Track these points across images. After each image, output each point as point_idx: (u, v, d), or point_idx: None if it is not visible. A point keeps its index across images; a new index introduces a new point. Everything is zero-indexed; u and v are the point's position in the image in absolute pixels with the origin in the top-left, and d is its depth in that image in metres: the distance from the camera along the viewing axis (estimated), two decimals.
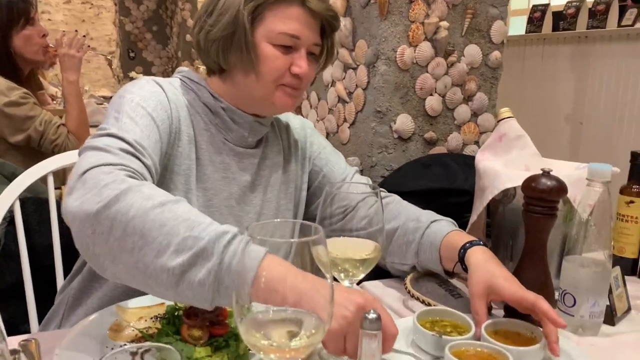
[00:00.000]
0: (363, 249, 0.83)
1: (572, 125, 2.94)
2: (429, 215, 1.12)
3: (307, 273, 0.64)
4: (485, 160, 1.18)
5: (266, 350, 0.58)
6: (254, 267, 0.69)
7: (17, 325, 1.37)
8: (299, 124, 1.25)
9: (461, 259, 1.00)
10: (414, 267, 1.12)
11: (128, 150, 0.86)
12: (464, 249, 1.00)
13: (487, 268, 0.94)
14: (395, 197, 1.21)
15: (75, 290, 1.10)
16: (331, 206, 0.85)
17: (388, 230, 1.12)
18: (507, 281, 0.90)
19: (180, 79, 1.09)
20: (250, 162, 1.11)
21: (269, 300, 0.68)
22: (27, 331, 1.29)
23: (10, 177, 1.75)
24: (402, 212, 1.15)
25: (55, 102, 4.99)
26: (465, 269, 0.99)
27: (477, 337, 0.84)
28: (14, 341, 0.84)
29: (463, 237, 1.04)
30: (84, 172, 0.79)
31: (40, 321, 1.23)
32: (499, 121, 1.23)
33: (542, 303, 0.85)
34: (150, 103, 0.97)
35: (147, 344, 0.79)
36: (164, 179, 1.00)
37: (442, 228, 1.07)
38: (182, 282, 0.72)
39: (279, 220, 1.06)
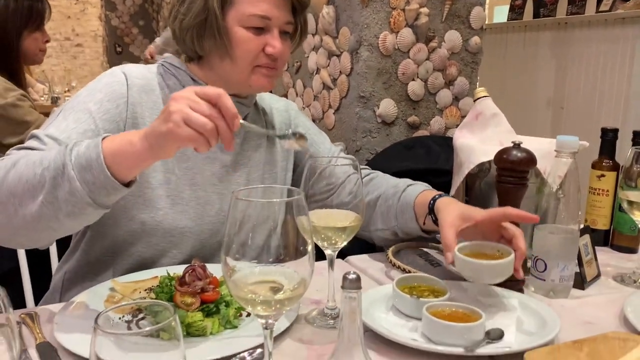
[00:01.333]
0: (345, 218, 0.88)
1: (554, 110, 3.01)
2: (405, 180, 1.20)
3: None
4: (462, 138, 1.23)
5: (253, 303, 0.63)
6: (98, 151, 0.80)
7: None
8: (283, 106, 1.29)
9: (430, 209, 1.07)
10: (396, 234, 1.17)
11: (29, 147, 0.93)
12: (433, 200, 1.07)
13: (456, 205, 1.03)
14: (379, 173, 1.27)
15: (70, 273, 1.14)
16: (317, 184, 0.89)
17: (372, 199, 1.19)
18: (476, 209, 0.98)
19: (162, 64, 1.13)
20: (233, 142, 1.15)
21: (130, 168, 0.82)
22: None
23: None
24: (383, 183, 1.22)
25: (43, 98, 5.00)
26: (435, 221, 1.06)
27: (450, 262, 0.92)
28: (14, 315, 0.88)
29: (434, 193, 1.11)
30: None
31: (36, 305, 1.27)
32: (475, 100, 1.28)
33: (512, 209, 0.94)
34: (96, 96, 1.02)
35: (142, 300, 0.84)
36: None
37: (416, 189, 1.15)
38: (61, 204, 0.81)
39: (265, 186, 1.11)
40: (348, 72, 1.89)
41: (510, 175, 0.98)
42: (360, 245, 1.46)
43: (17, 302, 1.39)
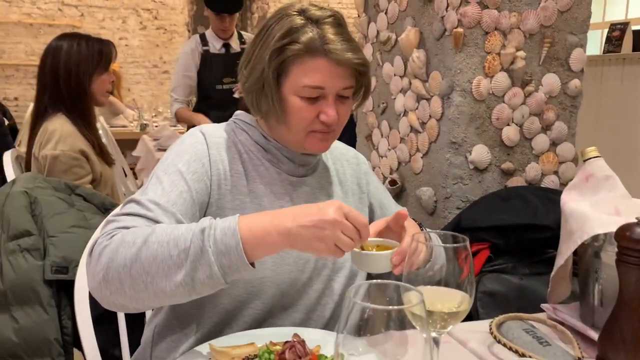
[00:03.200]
0: (452, 300, 0.83)
1: None
2: None
3: (277, 211, 0.90)
4: (572, 202, 1.15)
5: None
6: (237, 240, 0.85)
7: (108, 351, 1.45)
8: (354, 157, 1.29)
9: None
10: None
11: (133, 213, 0.97)
12: None
13: None
14: None
15: (160, 327, 1.15)
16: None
17: None
18: None
19: (234, 122, 1.17)
20: (304, 191, 1.16)
21: (264, 255, 0.89)
22: (119, 357, 1.36)
23: (99, 207, 1.86)
24: None
25: (132, 124, 5.24)
26: None
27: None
28: None
29: None
30: (90, 252, 0.94)
31: (130, 346, 1.31)
32: (585, 161, 1.20)
33: (403, 211, 1.01)
34: (184, 157, 1.06)
35: None
36: (217, 216, 1.04)
37: None
38: (196, 285, 0.87)
39: (375, 281, 1.08)
40: (439, 116, 1.84)
41: (634, 255, 0.89)
42: None
43: (113, 342, 1.44)
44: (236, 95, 2.99)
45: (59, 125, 2.02)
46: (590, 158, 1.19)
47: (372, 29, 2.24)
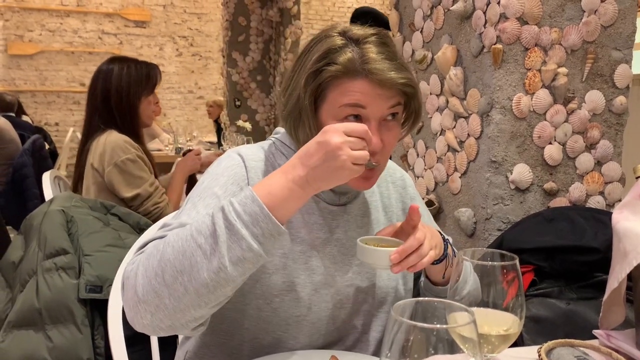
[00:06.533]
0: (500, 322, 0.78)
1: None
2: None
3: (283, 168, 0.86)
4: (625, 220, 1.08)
5: None
6: (260, 205, 0.81)
7: None
8: (400, 179, 1.22)
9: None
10: None
11: (162, 237, 0.91)
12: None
13: None
14: None
15: (191, 353, 1.12)
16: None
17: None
18: None
19: (274, 143, 1.10)
20: (345, 220, 1.09)
21: (291, 211, 0.85)
22: None
23: (134, 227, 1.86)
24: None
25: (167, 148, 5.32)
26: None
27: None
28: None
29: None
30: (123, 281, 0.89)
31: None
32: (637, 177, 1.14)
33: (415, 206, 0.97)
34: (220, 180, 1.00)
35: None
36: None
37: None
38: (237, 266, 0.80)
39: (420, 299, 1.04)
40: (477, 135, 1.79)
41: None
42: None
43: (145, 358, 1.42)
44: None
45: (115, 138, 2.07)
46: None
47: (407, 48, 2.22)
